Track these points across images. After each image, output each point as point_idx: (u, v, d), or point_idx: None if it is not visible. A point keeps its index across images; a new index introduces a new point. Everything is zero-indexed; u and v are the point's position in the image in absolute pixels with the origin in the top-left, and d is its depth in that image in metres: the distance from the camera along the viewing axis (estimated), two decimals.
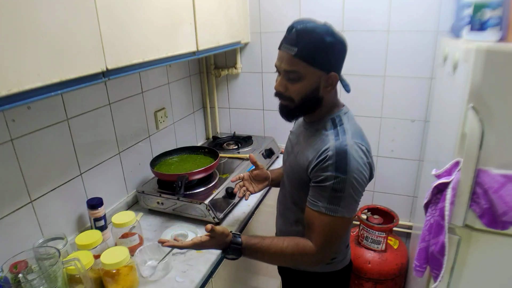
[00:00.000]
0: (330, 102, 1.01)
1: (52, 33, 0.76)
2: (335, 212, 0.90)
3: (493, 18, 1.13)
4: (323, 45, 0.89)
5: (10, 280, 0.86)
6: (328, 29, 0.90)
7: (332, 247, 0.97)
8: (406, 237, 2.01)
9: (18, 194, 1.05)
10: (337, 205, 0.89)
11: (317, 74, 0.92)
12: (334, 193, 0.89)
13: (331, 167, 0.89)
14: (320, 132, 0.98)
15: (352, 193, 0.90)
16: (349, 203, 0.91)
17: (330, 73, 0.93)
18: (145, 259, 1.15)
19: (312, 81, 0.93)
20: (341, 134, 0.93)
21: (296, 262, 1.01)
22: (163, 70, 1.73)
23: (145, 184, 1.53)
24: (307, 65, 0.91)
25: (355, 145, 0.91)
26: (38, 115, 1.09)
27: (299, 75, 0.92)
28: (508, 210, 1.07)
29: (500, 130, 1.06)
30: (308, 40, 0.88)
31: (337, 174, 0.88)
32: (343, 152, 0.89)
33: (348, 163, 0.88)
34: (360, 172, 0.90)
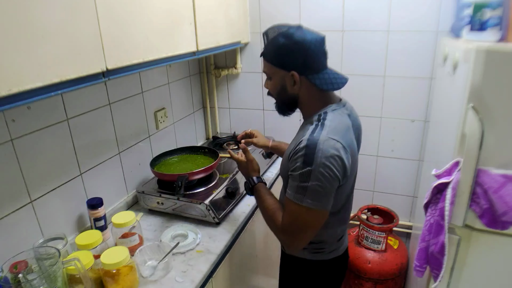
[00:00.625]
0: (310, 100, 1.05)
1: (52, 33, 0.76)
2: (300, 201, 0.94)
3: (493, 18, 1.13)
4: (277, 46, 0.99)
5: (10, 280, 0.86)
6: (287, 31, 0.98)
7: (296, 233, 0.99)
8: (406, 237, 2.01)
9: (18, 194, 1.05)
10: (303, 194, 0.94)
11: (279, 74, 1.03)
12: (300, 183, 0.94)
13: (300, 158, 0.94)
14: (306, 127, 1.03)
15: (317, 186, 0.92)
16: (315, 195, 0.93)
17: (290, 72, 1.00)
18: (145, 259, 1.15)
19: (277, 80, 1.05)
20: (318, 129, 0.97)
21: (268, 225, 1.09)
22: (163, 70, 1.73)
23: (145, 184, 1.53)
24: (270, 65, 1.04)
25: (329, 140, 0.93)
26: (38, 115, 1.09)
27: (268, 75, 1.07)
28: (508, 210, 1.07)
29: (500, 130, 1.06)
30: (270, 43, 1.02)
31: (304, 165, 0.93)
32: (313, 146, 0.92)
33: (315, 156, 0.91)
34: (327, 166, 0.91)
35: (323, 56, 1.04)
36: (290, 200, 0.97)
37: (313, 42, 0.98)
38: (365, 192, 2.01)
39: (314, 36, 0.99)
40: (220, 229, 1.35)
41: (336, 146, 0.93)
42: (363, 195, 2.01)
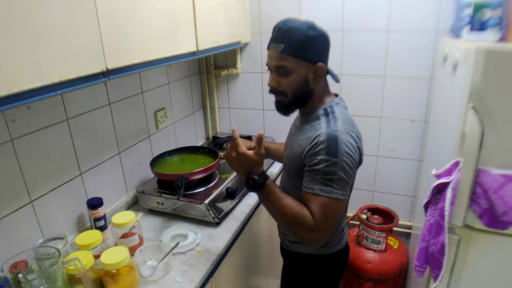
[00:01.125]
0: (320, 93, 1.07)
1: (52, 33, 0.76)
2: (330, 193, 0.94)
3: (493, 18, 1.13)
4: (307, 38, 0.97)
5: (10, 280, 0.86)
6: (309, 24, 0.99)
7: (329, 228, 0.98)
8: (406, 237, 2.01)
9: (18, 194, 1.05)
10: (331, 186, 0.94)
11: (304, 66, 1.00)
12: (327, 175, 0.94)
13: (322, 151, 0.94)
14: (313, 121, 1.04)
15: (343, 175, 0.94)
16: (341, 185, 0.95)
17: (317, 64, 1.00)
18: (145, 259, 1.15)
19: (301, 74, 1.01)
20: (332, 122, 0.99)
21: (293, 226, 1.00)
22: (163, 70, 1.73)
23: (145, 184, 1.53)
24: (294, 59, 0.99)
25: (345, 131, 0.96)
26: (38, 115, 1.09)
27: (288, 70, 1.00)
28: (508, 210, 1.07)
29: (500, 130, 1.06)
30: (292, 36, 0.97)
31: (328, 157, 0.93)
32: (334, 138, 0.94)
33: (338, 147, 0.93)
34: (350, 155, 0.94)
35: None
36: (317, 194, 0.95)
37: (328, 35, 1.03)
38: (365, 192, 2.01)
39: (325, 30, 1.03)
40: (220, 229, 1.36)
41: (353, 136, 0.97)
42: (363, 195, 2.01)
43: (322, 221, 0.95)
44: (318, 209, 0.95)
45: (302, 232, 0.99)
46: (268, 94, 1.12)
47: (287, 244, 1.24)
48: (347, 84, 1.83)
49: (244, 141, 1.29)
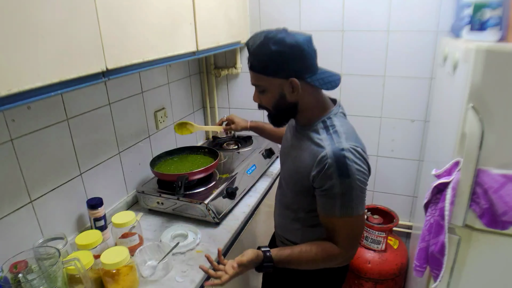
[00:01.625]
0: (312, 104, 1.01)
1: (52, 33, 0.76)
2: (351, 213, 0.94)
3: (493, 18, 1.13)
4: (271, 54, 0.90)
5: (10, 280, 0.86)
6: (277, 37, 0.90)
7: (356, 244, 1.01)
8: (406, 237, 2.01)
9: (18, 194, 1.05)
10: (350, 207, 0.93)
11: (277, 83, 0.95)
12: (344, 197, 0.93)
13: (334, 174, 0.91)
14: (313, 136, 0.99)
15: (359, 193, 0.94)
16: (359, 202, 0.95)
17: (289, 79, 0.93)
18: (145, 259, 1.15)
19: (275, 91, 0.96)
20: (336, 138, 0.95)
21: (326, 265, 1.03)
22: (163, 70, 1.73)
23: (145, 184, 1.53)
24: (265, 77, 0.95)
25: (351, 148, 0.92)
26: (38, 115, 1.09)
27: (263, 88, 0.98)
28: (508, 210, 1.07)
29: (500, 130, 1.06)
30: (257, 54, 0.93)
31: (341, 179, 0.91)
32: (342, 157, 0.91)
33: (349, 167, 0.91)
34: (361, 172, 0.93)
35: (315, 55, 0.97)
36: (339, 217, 0.95)
37: (305, 43, 0.92)
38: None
39: (303, 36, 0.93)
40: (220, 229, 1.35)
41: (358, 151, 0.94)
42: None
43: (347, 242, 0.98)
44: (343, 235, 0.97)
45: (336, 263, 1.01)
46: None
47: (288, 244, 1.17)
48: (347, 84, 1.83)
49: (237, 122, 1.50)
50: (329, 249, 0.98)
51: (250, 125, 1.53)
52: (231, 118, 1.53)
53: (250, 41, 0.95)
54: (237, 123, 1.51)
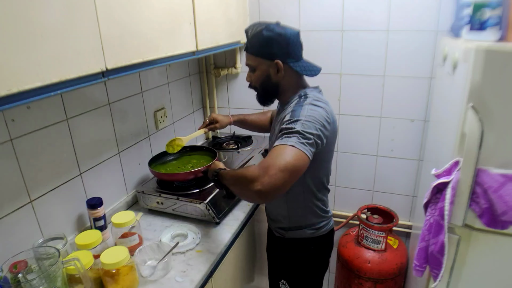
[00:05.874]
0: (292, 85, 1.19)
1: (51, 33, 0.76)
2: (285, 142, 0.97)
3: (493, 17, 1.13)
4: (262, 39, 1.12)
5: (9, 280, 0.86)
6: (269, 26, 1.12)
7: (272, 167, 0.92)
8: (405, 236, 2.01)
9: (18, 194, 1.05)
10: (288, 137, 0.98)
11: (265, 64, 1.16)
12: (286, 130, 1.01)
13: (287, 116, 1.06)
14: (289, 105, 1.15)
15: (302, 130, 0.99)
16: (298, 137, 0.98)
17: (274, 60, 1.13)
18: (144, 259, 1.15)
19: (262, 70, 1.17)
20: (303, 99, 1.12)
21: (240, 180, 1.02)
22: (162, 70, 1.73)
23: (145, 184, 1.53)
24: (255, 57, 1.17)
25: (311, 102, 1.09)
26: (38, 115, 1.09)
27: (253, 66, 1.18)
28: (507, 210, 1.07)
29: (499, 130, 1.06)
30: (252, 38, 1.15)
31: (290, 118, 1.04)
32: (300, 106, 1.08)
33: (301, 110, 1.05)
34: (310, 115, 1.03)
35: (300, 47, 1.18)
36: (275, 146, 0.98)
37: (293, 34, 1.13)
38: (364, 191, 2.01)
39: (291, 30, 1.14)
40: (219, 228, 1.36)
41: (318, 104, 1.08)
42: (363, 195, 2.02)
43: (267, 164, 0.93)
44: (269, 156, 0.96)
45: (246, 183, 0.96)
46: None
47: (281, 232, 1.31)
48: (346, 83, 1.84)
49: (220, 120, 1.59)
50: (251, 167, 0.98)
51: (233, 120, 1.61)
52: (214, 118, 1.58)
53: (248, 28, 1.18)
54: (221, 121, 1.58)
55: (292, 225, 1.27)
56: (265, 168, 0.92)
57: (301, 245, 1.28)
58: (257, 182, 0.91)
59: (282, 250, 1.33)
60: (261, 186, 0.91)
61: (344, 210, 2.06)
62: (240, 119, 1.63)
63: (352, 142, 1.94)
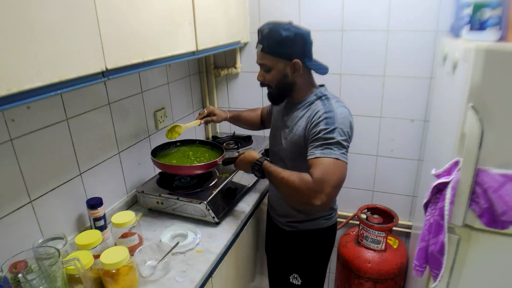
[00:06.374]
0: (305, 84, 1.22)
1: (51, 33, 0.76)
2: (329, 154, 1.05)
3: (493, 17, 1.13)
4: (281, 39, 1.12)
5: (9, 280, 0.86)
6: (285, 26, 1.13)
7: (329, 186, 1.03)
8: (405, 236, 2.01)
9: (18, 194, 1.05)
10: (330, 149, 1.06)
11: (282, 63, 1.16)
12: (326, 140, 1.06)
13: (321, 122, 1.09)
14: (308, 106, 1.19)
15: (341, 140, 1.07)
16: (340, 148, 1.07)
17: (293, 60, 1.14)
18: (144, 259, 1.15)
19: (279, 69, 1.17)
20: (326, 101, 1.16)
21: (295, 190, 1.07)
22: (162, 70, 1.73)
23: (145, 184, 1.53)
24: (272, 57, 1.16)
25: (339, 105, 1.15)
26: (38, 115, 1.09)
27: (268, 66, 1.18)
28: (507, 210, 1.07)
29: (499, 130, 1.06)
30: (269, 37, 1.14)
31: (327, 126, 1.08)
32: (330, 110, 1.11)
33: (335, 117, 1.09)
34: (344, 124, 1.10)
35: (312, 46, 1.20)
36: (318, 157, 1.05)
37: (307, 34, 1.16)
38: (364, 191, 2.01)
39: (304, 29, 1.16)
40: (219, 228, 1.36)
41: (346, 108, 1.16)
42: (363, 194, 2.02)
43: (321, 180, 1.02)
44: (318, 169, 1.04)
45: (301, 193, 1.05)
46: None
47: (294, 225, 1.34)
48: (346, 83, 1.84)
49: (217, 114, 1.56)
50: (304, 176, 1.05)
51: (230, 116, 1.61)
52: (212, 110, 1.57)
53: (262, 27, 1.16)
54: (218, 115, 1.57)
55: (309, 217, 1.31)
56: (321, 184, 1.02)
57: (315, 235, 1.33)
58: (315, 198, 1.03)
59: (294, 243, 1.36)
60: (320, 202, 1.03)
61: (344, 210, 2.05)
62: (235, 115, 1.63)
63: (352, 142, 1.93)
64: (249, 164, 1.22)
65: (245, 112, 1.66)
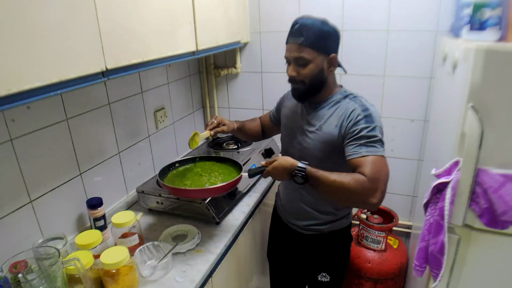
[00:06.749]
0: (332, 82, 1.22)
1: (51, 33, 0.76)
2: (375, 152, 1.07)
3: (493, 17, 1.13)
4: (321, 32, 1.11)
5: (9, 280, 0.86)
6: (323, 20, 1.13)
7: (382, 185, 1.05)
8: (405, 236, 2.01)
9: (18, 194, 1.05)
10: (374, 146, 1.07)
11: (320, 57, 1.13)
12: (369, 139, 1.08)
13: (361, 121, 1.10)
14: (335, 105, 1.19)
15: (381, 137, 1.10)
16: (381, 145, 1.09)
17: (331, 55, 1.14)
18: (144, 259, 1.15)
19: (317, 64, 1.13)
20: (357, 100, 1.17)
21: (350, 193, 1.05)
22: (162, 70, 1.73)
23: (145, 184, 1.53)
24: (311, 50, 1.12)
25: (370, 104, 1.17)
26: (38, 115, 1.09)
27: (307, 60, 1.13)
28: (507, 210, 1.07)
29: (499, 130, 1.06)
30: (309, 30, 1.10)
31: (368, 124, 1.09)
32: (367, 109, 1.13)
33: (373, 115, 1.12)
34: (381, 123, 1.13)
35: None
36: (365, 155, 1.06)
37: (339, 31, 1.17)
38: None
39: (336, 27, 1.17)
40: (219, 229, 1.36)
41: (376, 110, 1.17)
42: None
43: (375, 178, 1.03)
44: (369, 168, 1.04)
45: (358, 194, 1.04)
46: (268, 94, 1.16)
47: (317, 229, 1.32)
48: (346, 83, 1.82)
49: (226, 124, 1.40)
50: (357, 176, 1.04)
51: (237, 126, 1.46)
52: (221, 120, 1.41)
53: (301, 20, 1.13)
54: (228, 125, 1.42)
55: (335, 217, 1.31)
56: (376, 182, 1.03)
57: (339, 235, 1.35)
58: (372, 197, 1.03)
59: (318, 245, 1.35)
60: (376, 200, 1.04)
61: None
62: (240, 126, 1.49)
63: None
64: (287, 171, 1.09)
65: (247, 122, 1.54)
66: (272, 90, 1.98)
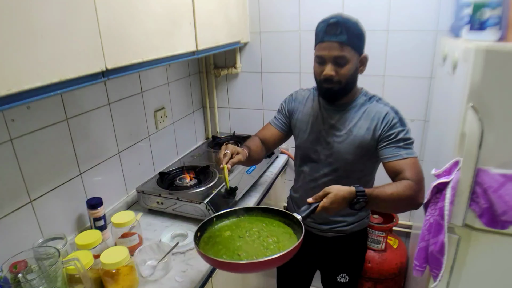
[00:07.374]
0: (356, 83, 1.22)
1: (51, 33, 0.76)
2: (412, 154, 1.12)
3: (493, 17, 1.13)
4: (358, 31, 1.13)
5: (9, 280, 0.86)
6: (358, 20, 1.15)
7: (422, 181, 1.10)
8: (405, 236, 2.01)
9: (18, 194, 1.05)
10: (411, 149, 1.13)
11: (356, 56, 1.15)
12: (406, 141, 1.13)
13: (397, 124, 1.15)
14: (361, 107, 1.21)
15: (413, 139, 1.15)
16: (413, 146, 1.15)
17: (363, 54, 1.17)
18: (144, 259, 1.15)
19: (354, 63, 1.15)
20: (383, 102, 1.22)
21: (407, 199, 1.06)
22: (162, 69, 1.73)
23: (145, 184, 1.53)
24: (351, 49, 1.12)
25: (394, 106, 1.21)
26: (38, 115, 1.09)
27: (347, 59, 1.12)
28: (507, 210, 1.07)
29: (499, 130, 1.06)
30: (350, 29, 1.11)
31: (403, 127, 1.15)
32: (397, 112, 1.19)
33: (403, 118, 1.18)
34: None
35: None
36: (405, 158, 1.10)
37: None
38: None
39: None
40: None
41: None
42: None
43: (419, 179, 1.08)
44: (411, 170, 1.09)
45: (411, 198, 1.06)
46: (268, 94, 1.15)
47: (340, 230, 1.33)
48: None
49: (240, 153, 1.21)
50: (405, 182, 1.06)
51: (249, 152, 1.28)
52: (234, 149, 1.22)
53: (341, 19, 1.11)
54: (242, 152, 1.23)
55: (359, 219, 1.34)
56: (420, 183, 1.08)
57: (358, 235, 1.37)
58: (420, 198, 1.09)
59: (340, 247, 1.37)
60: (422, 200, 1.10)
61: None
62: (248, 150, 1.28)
63: None
64: (346, 201, 0.98)
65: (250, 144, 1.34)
66: (272, 90, 1.98)
